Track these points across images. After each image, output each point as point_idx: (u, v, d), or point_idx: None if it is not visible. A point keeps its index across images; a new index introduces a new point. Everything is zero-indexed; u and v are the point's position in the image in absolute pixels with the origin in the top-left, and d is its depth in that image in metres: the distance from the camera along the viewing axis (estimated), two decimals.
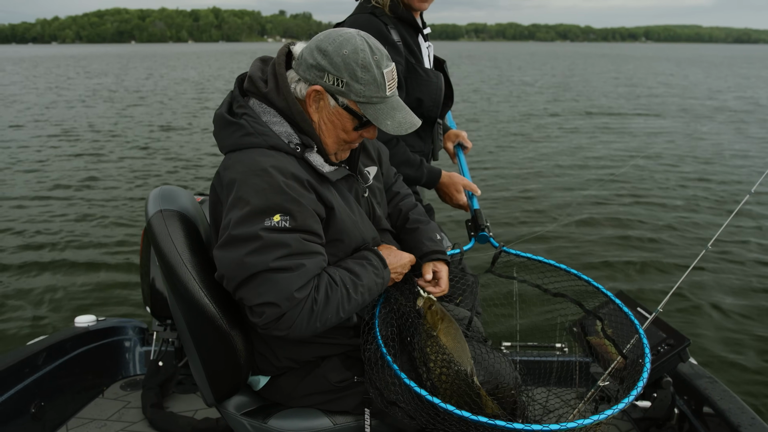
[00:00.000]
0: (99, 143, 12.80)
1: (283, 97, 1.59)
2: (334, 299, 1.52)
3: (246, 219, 1.46)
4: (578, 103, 20.82)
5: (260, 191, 1.47)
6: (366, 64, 1.54)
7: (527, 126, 15.25)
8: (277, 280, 1.44)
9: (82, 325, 2.75)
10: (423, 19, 2.49)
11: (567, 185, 9.17)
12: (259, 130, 1.56)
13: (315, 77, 1.56)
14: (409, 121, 1.64)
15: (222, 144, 1.62)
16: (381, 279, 1.67)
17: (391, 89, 1.60)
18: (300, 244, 1.48)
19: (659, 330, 2.36)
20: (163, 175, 9.83)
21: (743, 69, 47.76)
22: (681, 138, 13.64)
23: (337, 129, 1.63)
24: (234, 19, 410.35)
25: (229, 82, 29.72)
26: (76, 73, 38.54)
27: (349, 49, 1.53)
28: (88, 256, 6.11)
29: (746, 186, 8.92)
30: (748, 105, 20.54)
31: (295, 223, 1.48)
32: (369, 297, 1.64)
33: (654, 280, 5.56)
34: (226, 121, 1.61)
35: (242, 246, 1.45)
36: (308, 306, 1.47)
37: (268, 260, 1.44)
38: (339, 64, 1.53)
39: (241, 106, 1.61)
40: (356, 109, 1.58)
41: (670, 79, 33.93)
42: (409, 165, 2.35)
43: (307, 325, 1.49)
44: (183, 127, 15.05)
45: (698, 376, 2.34)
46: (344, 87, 1.54)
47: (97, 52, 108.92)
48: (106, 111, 18.29)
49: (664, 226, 7.16)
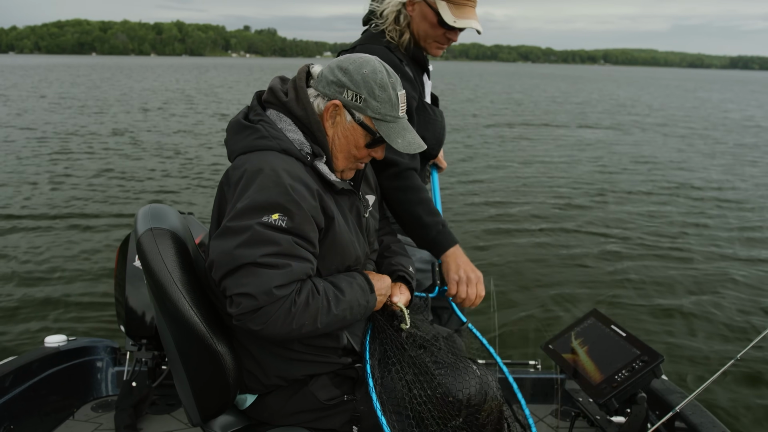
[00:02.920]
0: (68, 154, 12.57)
1: (303, 107, 1.67)
2: (313, 306, 1.54)
3: (245, 212, 1.51)
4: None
5: (265, 188, 1.52)
6: (383, 84, 1.64)
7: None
8: (260, 274, 1.47)
9: (52, 345, 2.67)
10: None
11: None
12: (273, 134, 1.63)
13: (335, 92, 1.65)
14: (417, 142, 1.74)
15: (233, 148, 1.67)
16: (365, 301, 1.69)
17: (402, 111, 1.71)
18: (291, 246, 1.51)
19: (633, 347, 2.41)
20: (138, 191, 9.62)
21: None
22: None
23: (350, 144, 1.70)
24: (198, 34, 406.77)
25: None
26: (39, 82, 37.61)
27: (369, 69, 1.64)
28: (58, 274, 5.92)
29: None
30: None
31: (292, 225, 1.52)
32: (350, 316, 1.65)
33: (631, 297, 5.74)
34: (241, 126, 1.68)
35: (235, 236, 1.49)
36: (286, 306, 1.49)
37: (256, 254, 1.47)
38: (359, 81, 1.63)
39: (257, 114, 1.70)
40: (371, 125, 1.67)
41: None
42: (424, 203, 2.19)
43: (282, 324, 1.51)
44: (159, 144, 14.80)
45: (670, 392, 2.41)
46: (362, 103, 1.64)
47: (58, 62, 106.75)
48: (71, 121, 17.96)
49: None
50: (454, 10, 2.15)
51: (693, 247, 7.43)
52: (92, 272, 5.96)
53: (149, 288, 1.66)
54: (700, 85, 71.51)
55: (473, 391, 1.73)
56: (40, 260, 6.27)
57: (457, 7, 2.16)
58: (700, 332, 5.01)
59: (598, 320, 2.57)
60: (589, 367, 2.38)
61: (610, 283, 6.08)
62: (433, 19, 2.18)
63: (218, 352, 1.61)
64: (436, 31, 2.22)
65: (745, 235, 8.04)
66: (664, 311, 5.43)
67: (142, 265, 1.66)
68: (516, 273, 6.31)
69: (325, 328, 1.60)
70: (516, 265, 6.54)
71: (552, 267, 6.53)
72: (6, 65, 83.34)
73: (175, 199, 9.25)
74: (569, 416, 2.67)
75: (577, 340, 2.53)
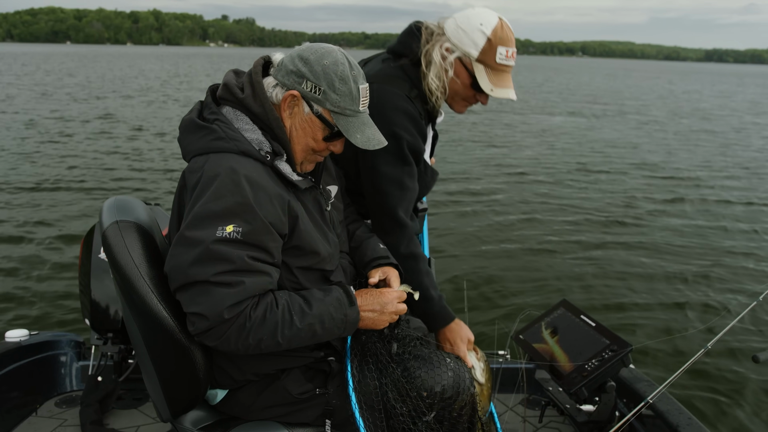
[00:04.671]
0: (34, 145, 12.30)
1: (260, 103, 1.60)
2: (271, 320, 1.51)
3: (201, 220, 1.47)
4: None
5: (221, 196, 1.47)
6: (344, 76, 1.58)
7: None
8: (213, 293, 1.45)
9: (14, 339, 2.61)
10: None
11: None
12: (230, 135, 1.56)
13: (293, 83, 1.59)
14: (377, 138, 1.68)
15: (188, 149, 1.60)
16: (342, 315, 1.62)
17: (364, 106, 1.65)
18: (244, 263, 1.47)
19: (602, 336, 2.43)
20: (103, 181, 9.46)
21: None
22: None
23: (308, 137, 1.65)
24: (175, 23, 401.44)
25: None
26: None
27: (330, 60, 1.58)
28: (19, 265, 5.76)
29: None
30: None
31: (248, 236, 1.48)
32: (322, 331, 1.59)
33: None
34: (196, 125, 1.60)
35: (190, 249, 1.46)
36: (240, 322, 1.47)
37: (209, 272, 1.44)
38: (319, 72, 1.57)
39: (213, 113, 1.62)
40: (329, 118, 1.62)
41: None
42: (429, 275, 2.11)
43: (236, 340, 1.49)
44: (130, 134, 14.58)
45: (637, 380, 2.44)
46: (321, 95, 1.58)
47: (30, 51, 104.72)
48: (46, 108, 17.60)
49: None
50: (492, 77, 1.99)
51: (662, 234, 7.57)
52: (55, 264, 5.81)
53: (116, 282, 1.63)
54: (671, 77, 72.88)
55: (447, 384, 1.74)
56: (4, 250, 6.12)
57: (495, 74, 1.99)
58: (669, 321, 5.08)
59: (568, 310, 2.58)
60: (559, 357, 2.40)
61: (579, 274, 6.14)
62: (467, 80, 2.02)
63: (187, 347, 1.59)
64: (467, 92, 2.05)
65: (719, 224, 8.20)
66: (633, 301, 5.50)
67: (108, 259, 1.62)
68: (483, 262, 6.36)
69: (289, 343, 1.56)
70: (484, 255, 6.58)
71: (520, 258, 6.58)
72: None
73: (141, 187, 9.11)
74: (539, 405, 2.69)
75: (547, 330, 2.54)
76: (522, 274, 6.02)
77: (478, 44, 1.95)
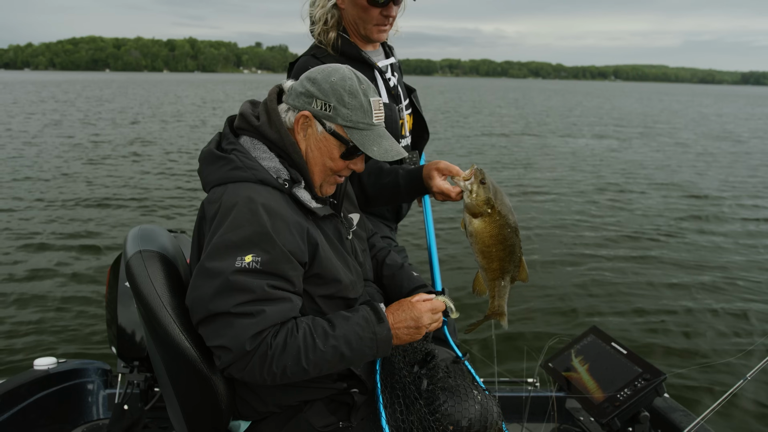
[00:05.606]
0: (66, 172, 12.55)
1: (276, 129, 1.62)
2: (292, 347, 1.48)
3: (220, 252, 1.47)
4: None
5: (239, 226, 1.48)
6: (353, 90, 1.59)
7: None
8: (235, 325, 1.44)
9: (42, 367, 2.63)
10: (387, 49, 2.46)
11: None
12: (248, 165, 1.57)
13: (304, 103, 1.61)
14: (395, 149, 1.67)
15: (208, 179, 1.62)
16: (370, 334, 1.58)
17: (378, 118, 1.65)
18: (264, 292, 1.47)
19: (635, 364, 2.36)
20: (132, 209, 9.52)
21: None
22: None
23: (324, 156, 1.65)
24: (210, 50, 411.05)
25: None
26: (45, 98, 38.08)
27: (337, 77, 1.60)
28: (49, 294, 5.80)
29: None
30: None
31: (267, 265, 1.48)
32: (350, 352, 1.56)
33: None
34: (214, 156, 1.62)
35: (210, 282, 1.46)
36: (261, 351, 1.46)
37: (230, 304, 1.45)
38: (327, 89, 1.58)
39: (230, 143, 1.64)
40: (343, 134, 1.62)
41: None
42: (382, 174, 2.21)
43: (261, 371, 1.47)
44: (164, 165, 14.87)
45: (673, 410, 2.35)
46: (331, 111, 1.59)
47: (72, 78, 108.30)
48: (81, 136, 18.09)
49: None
50: None
51: (696, 255, 7.37)
52: (83, 293, 5.86)
53: (139, 312, 1.64)
54: (705, 100, 71.71)
55: (474, 418, 1.70)
56: (30, 280, 6.18)
57: None
58: (706, 348, 4.91)
59: (598, 337, 2.52)
60: (590, 386, 2.34)
61: (608, 299, 5.98)
62: (363, 1, 2.16)
63: (209, 378, 1.58)
64: (370, 13, 2.20)
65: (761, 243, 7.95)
66: (666, 327, 5.32)
67: (132, 289, 1.64)
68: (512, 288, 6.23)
69: (317, 368, 1.53)
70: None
71: (547, 281, 6.43)
72: (17, 81, 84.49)
73: (172, 214, 9.19)
74: None
75: (577, 358, 2.48)
76: (550, 299, 5.90)
77: None
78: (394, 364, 1.81)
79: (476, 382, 1.92)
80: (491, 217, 1.82)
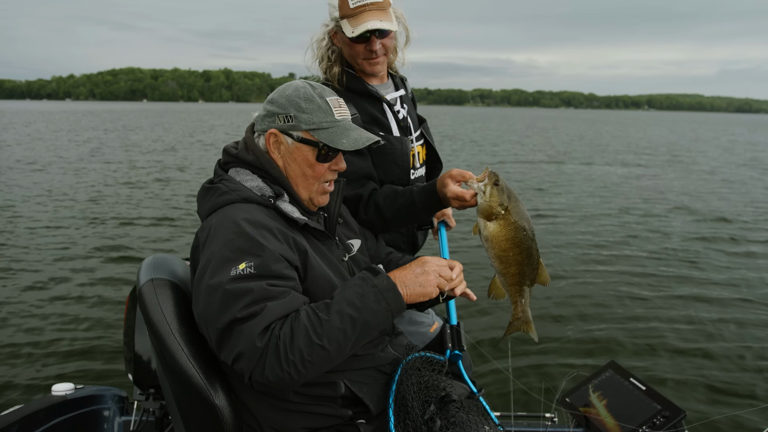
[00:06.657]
0: (95, 196, 12.79)
1: (251, 151, 1.74)
2: (299, 330, 1.48)
3: (216, 267, 1.53)
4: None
5: (228, 241, 1.55)
6: (308, 96, 1.70)
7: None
8: (245, 329, 1.47)
9: (59, 393, 2.66)
10: (397, 81, 2.49)
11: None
12: (232, 188, 1.69)
13: (269, 124, 1.72)
14: (365, 136, 1.75)
15: (201, 212, 1.73)
16: (371, 287, 1.57)
17: (340, 114, 1.73)
18: (263, 291, 1.51)
19: (653, 401, 2.30)
20: (149, 237, 9.50)
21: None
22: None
23: (302, 166, 1.73)
24: (244, 81, 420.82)
25: None
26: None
27: (291, 90, 1.72)
28: (67, 321, 5.83)
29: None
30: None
31: (261, 269, 1.52)
32: (356, 312, 1.53)
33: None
34: (204, 190, 1.76)
35: (213, 296, 1.50)
36: (272, 345, 1.46)
37: (236, 310, 1.47)
38: (284, 103, 1.70)
39: (218, 176, 1.78)
40: (311, 137, 1.70)
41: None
42: (397, 196, 2.22)
43: (279, 365, 1.45)
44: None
45: None
46: (293, 120, 1.69)
47: (111, 108, 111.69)
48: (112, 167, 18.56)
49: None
50: (352, 23, 2.20)
51: (719, 289, 7.10)
52: (103, 320, 5.89)
53: (150, 339, 1.67)
54: (739, 129, 70.44)
55: None
56: (49, 306, 6.23)
57: (353, 19, 2.20)
58: (729, 385, 4.70)
59: (616, 372, 2.48)
60: (608, 422, 2.29)
61: (627, 332, 5.79)
62: (347, 39, 2.23)
63: (216, 406, 1.59)
64: (355, 48, 2.26)
65: None
66: (688, 362, 5.12)
67: (143, 316, 1.68)
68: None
69: (334, 342, 1.49)
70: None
71: (564, 313, 6.27)
72: (59, 111, 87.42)
73: None
74: None
75: (595, 394, 2.44)
76: (567, 332, 5.74)
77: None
78: (408, 402, 1.78)
79: (490, 417, 1.88)
80: (506, 219, 1.82)
